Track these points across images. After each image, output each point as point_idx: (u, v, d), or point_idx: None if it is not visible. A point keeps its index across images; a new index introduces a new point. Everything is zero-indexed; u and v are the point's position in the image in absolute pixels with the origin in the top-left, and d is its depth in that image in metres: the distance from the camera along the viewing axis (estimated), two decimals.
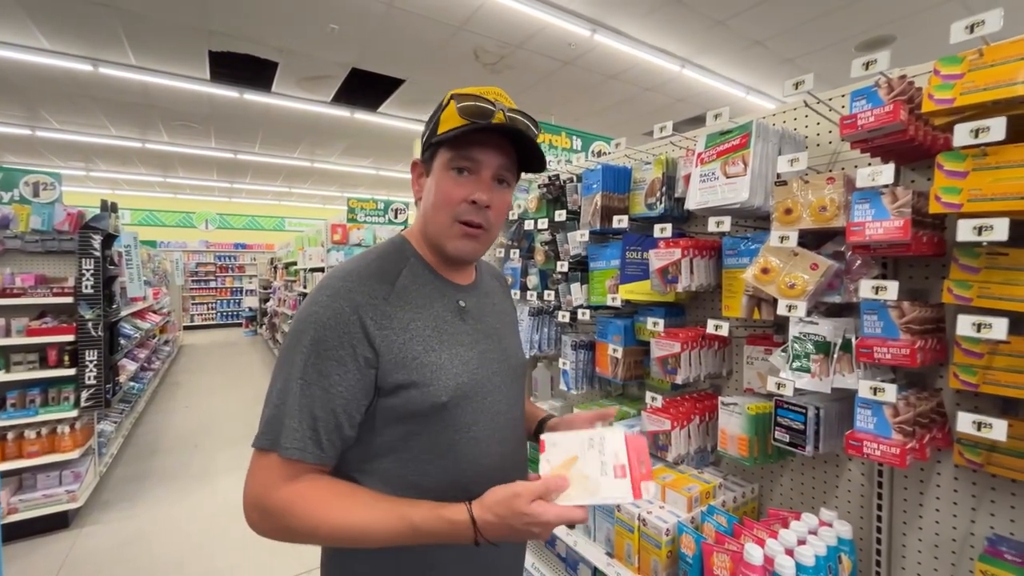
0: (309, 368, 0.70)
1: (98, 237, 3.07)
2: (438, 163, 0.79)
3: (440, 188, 0.78)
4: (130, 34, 4.28)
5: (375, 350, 0.72)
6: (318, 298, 0.73)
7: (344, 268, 0.77)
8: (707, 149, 1.21)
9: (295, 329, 0.73)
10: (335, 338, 0.70)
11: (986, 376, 0.86)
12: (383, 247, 0.85)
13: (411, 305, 0.77)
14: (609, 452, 0.70)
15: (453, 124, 0.76)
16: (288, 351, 0.73)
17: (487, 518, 0.66)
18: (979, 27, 0.77)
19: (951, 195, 0.81)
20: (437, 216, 0.79)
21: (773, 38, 4.45)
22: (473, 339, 0.83)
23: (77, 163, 8.98)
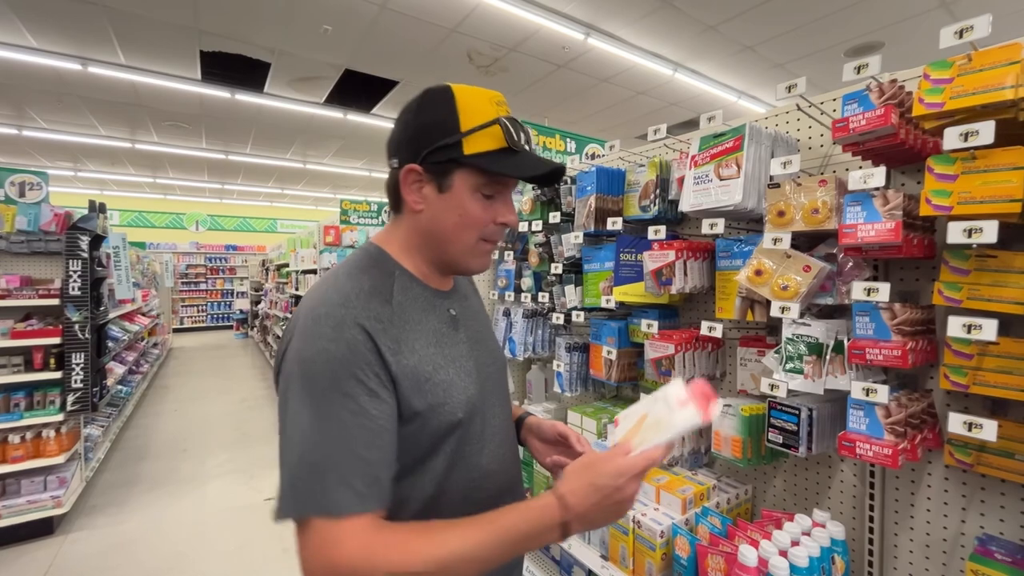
0: (339, 408, 0.62)
1: (86, 238, 3.03)
2: (464, 183, 0.72)
3: (469, 212, 0.73)
4: (120, 33, 4.23)
5: (392, 377, 0.67)
6: (321, 331, 0.64)
7: (337, 291, 0.69)
8: (701, 152, 1.22)
9: (305, 372, 0.63)
10: (359, 370, 0.64)
11: (976, 377, 0.86)
12: (362, 261, 0.77)
13: (411, 323, 0.73)
14: (672, 398, 0.70)
15: (491, 146, 0.71)
16: (302, 397, 0.63)
17: (572, 488, 0.64)
18: (968, 32, 0.78)
19: (941, 198, 0.82)
20: (464, 237, 0.75)
21: (764, 43, 4.51)
22: (468, 347, 0.80)
23: (65, 163, 8.85)
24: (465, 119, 0.71)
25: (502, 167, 0.72)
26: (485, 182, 0.73)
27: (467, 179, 0.72)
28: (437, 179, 0.73)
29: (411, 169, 0.73)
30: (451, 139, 0.71)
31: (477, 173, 0.72)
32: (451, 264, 0.79)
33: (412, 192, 0.75)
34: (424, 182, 0.74)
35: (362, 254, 0.79)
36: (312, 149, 8.16)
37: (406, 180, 0.74)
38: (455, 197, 0.73)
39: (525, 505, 0.65)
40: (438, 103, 0.73)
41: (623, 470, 0.64)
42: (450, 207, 0.74)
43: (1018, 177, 0.75)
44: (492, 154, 0.71)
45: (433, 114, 0.73)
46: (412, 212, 0.76)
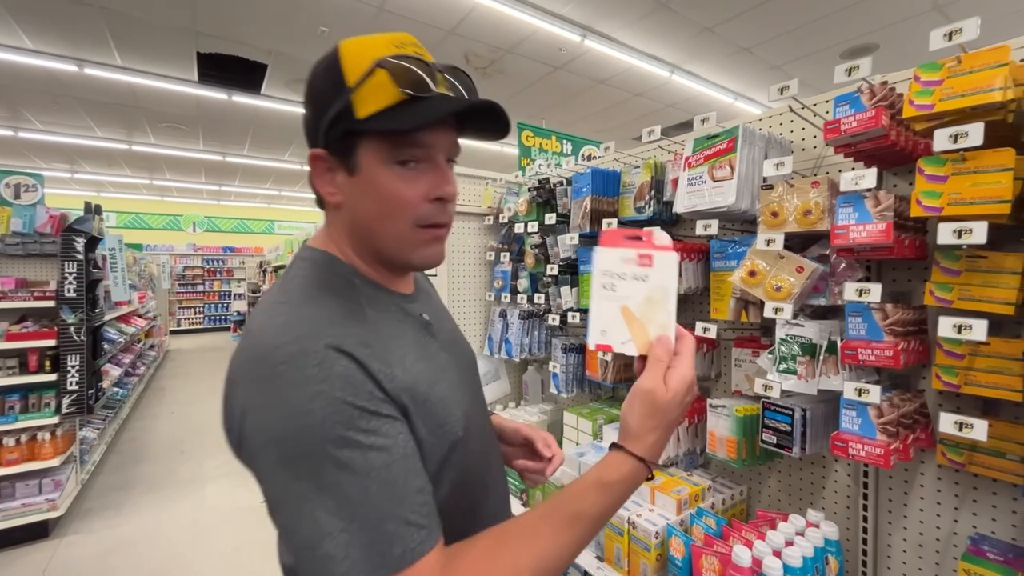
0: (365, 453, 0.49)
1: (81, 240, 3.02)
2: (369, 157, 0.58)
3: (387, 191, 0.58)
4: (116, 34, 4.23)
5: (397, 407, 0.56)
6: (300, 375, 0.50)
7: (299, 319, 0.55)
8: (695, 153, 1.22)
9: (305, 434, 0.48)
10: (366, 402, 0.51)
11: (967, 377, 0.87)
12: (313, 275, 0.62)
13: (393, 339, 0.60)
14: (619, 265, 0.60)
15: (386, 100, 0.55)
16: (317, 465, 0.48)
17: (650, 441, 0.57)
18: (957, 35, 0.79)
19: (932, 199, 0.82)
20: (390, 226, 0.60)
21: (760, 45, 4.52)
22: (448, 354, 0.70)
23: (61, 165, 8.82)
24: (349, 74, 0.56)
25: (403, 121, 0.55)
26: (392, 147, 0.57)
27: (373, 150, 0.57)
28: (343, 160, 0.59)
29: (315, 156, 0.60)
30: (340, 104, 0.56)
31: (381, 140, 0.57)
32: (392, 262, 0.65)
33: (325, 183, 0.61)
34: (335, 168, 0.60)
35: (308, 266, 0.63)
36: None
37: (315, 169, 0.61)
38: (367, 178, 0.58)
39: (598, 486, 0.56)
40: (326, 66, 0.58)
41: (688, 379, 0.57)
42: (366, 192, 0.59)
43: (1007, 178, 0.75)
44: (391, 110, 0.55)
45: (322, 81, 0.58)
46: (333, 208, 0.63)
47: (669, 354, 0.58)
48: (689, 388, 0.57)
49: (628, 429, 0.58)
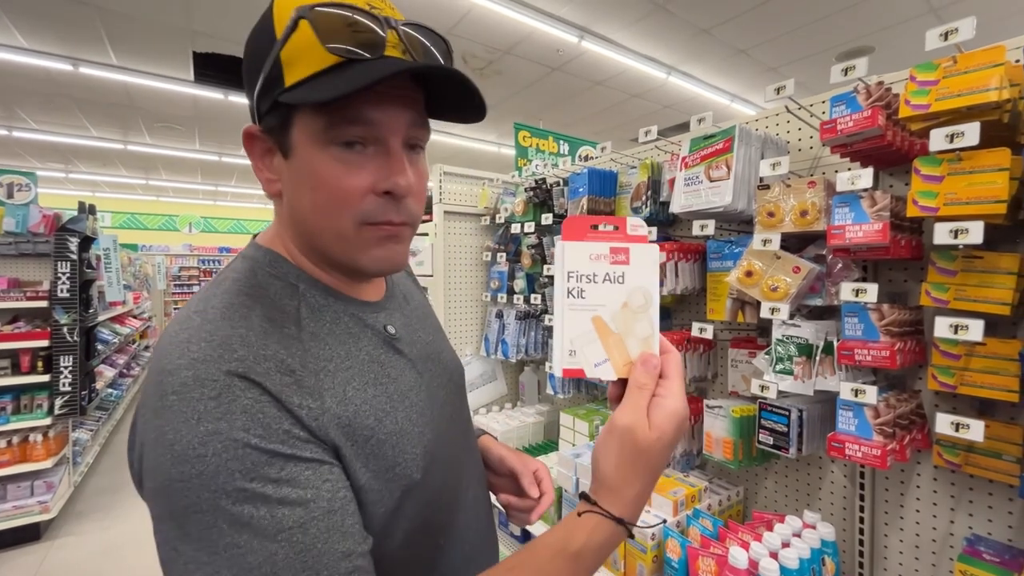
0: (267, 505, 0.40)
1: (75, 240, 3.00)
2: (303, 136, 0.47)
3: (321, 179, 0.47)
4: (112, 33, 4.20)
5: (324, 447, 0.45)
6: (195, 408, 0.40)
7: (208, 336, 0.44)
8: (691, 153, 1.22)
9: (186, 477, 0.39)
10: (280, 444, 0.42)
11: (963, 377, 0.87)
12: (244, 277, 0.51)
13: (335, 361, 0.49)
14: (588, 264, 0.48)
15: (315, 65, 0.44)
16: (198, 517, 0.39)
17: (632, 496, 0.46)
18: (953, 35, 0.79)
19: (928, 199, 0.82)
20: (328, 222, 0.49)
21: (757, 47, 4.54)
22: (416, 373, 0.58)
23: (56, 164, 8.77)
24: (279, 28, 0.45)
25: (326, 89, 0.43)
26: (328, 124, 0.45)
27: (307, 128, 0.46)
28: (278, 139, 0.49)
29: (248, 134, 0.50)
30: (269, 68, 0.45)
31: (315, 114, 0.46)
32: (339, 265, 0.54)
33: (263, 167, 0.51)
34: (272, 149, 0.50)
35: (245, 267, 0.52)
36: None
37: (251, 151, 0.51)
38: (301, 161, 0.48)
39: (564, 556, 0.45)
40: (257, 27, 0.48)
41: (680, 414, 0.45)
42: (302, 178, 0.48)
43: (1003, 178, 0.75)
44: (323, 75, 0.44)
45: (254, 38, 0.48)
46: (273, 197, 0.53)
47: (654, 379, 0.46)
48: (680, 424, 0.45)
49: (602, 478, 0.46)
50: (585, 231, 0.48)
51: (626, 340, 0.47)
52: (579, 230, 0.48)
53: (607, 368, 0.47)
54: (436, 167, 2.18)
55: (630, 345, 0.47)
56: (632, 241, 0.48)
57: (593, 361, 0.47)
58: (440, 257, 2.16)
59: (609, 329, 0.47)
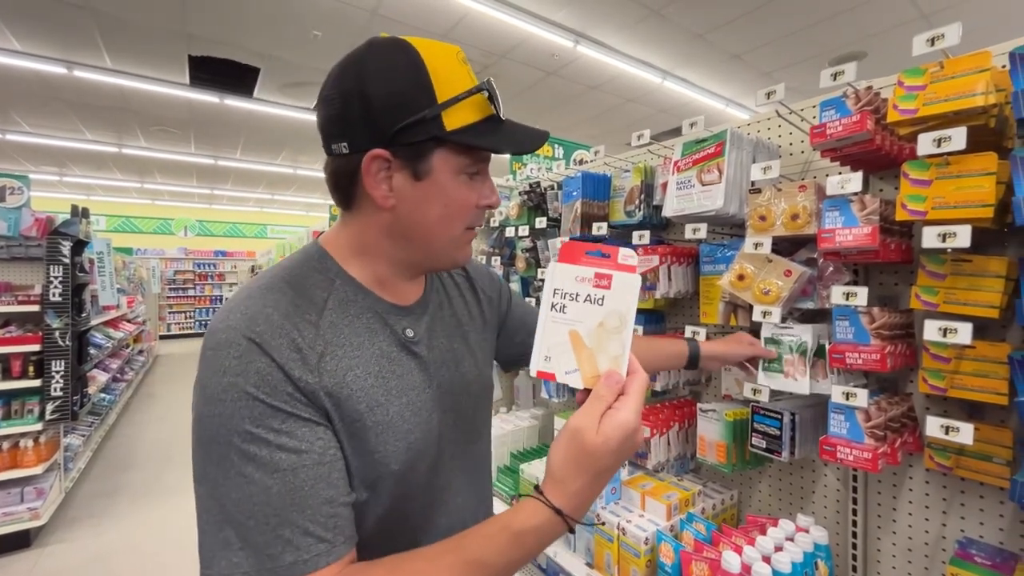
0: (274, 452, 0.50)
1: (67, 243, 2.98)
2: (446, 166, 0.60)
3: (456, 199, 0.62)
4: (106, 36, 4.20)
5: (319, 411, 0.55)
6: (222, 363, 0.52)
7: (245, 310, 0.55)
8: (683, 157, 1.22)
9: (220, 414, 0.51)
10: (282, 402, 0.52)
11: (954, 380, 0.87)
12: (295, 267, 0.63)
13: (344, 348, 0.59)
14: (573, 284, 0.54)
15: (474, 117, 0.59)
16: (226, 446, 0.50)
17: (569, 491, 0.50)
18: (939, 40, 0.80)
19: (916, 203, 0.83)
20: (449, 229, 0.63)
21: (751, 52, 4.58)
22: (426, 376, 0.66)
23: (50, 167, 8.73)
24: (441, 86, 0.57)
25: (493, 143, 0.60)
26: (471, 162, 0.61)
27: (449, 160, 0.60)
28: (411, 164, 0.59)
29: (377, 156, 0.58)
30: (429, 113, 0.56)
31: (460, 152, 0.60)
32: (433, 262, 0.67)
33: (379, 184, 0.60)
34: (394, 170, 0.59)
35: (300, 257, 0.65)
36: (303, 154, 8.13)
37: (370, 170, 0.59)
38: (436, 184, 0.60)
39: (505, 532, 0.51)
40: (401, 65, 0.57)
41: (629, 426, 0.49)
42: (431, 196, 0.61)
43: (990, 182, 0.76)
44: (477, 127, 0.60)
45: (398, 81, 0.57)
46: (378, 209, 0.61)
47: (614, 393, 0.51)
48: (627, 436, 0.49)
49: (550, 469, 0.52)
50: (579, 255, 0.55)
51: (597, 355, 0.52)
52: (574, 254, 0.55)
53: (576, 377, 0.53)
54: None
55: (600, 360, 0.52)
56: (619, 269, 0.54)
57: (564, 369, 0.53)
58: None
59: (583, 343, 0.53)
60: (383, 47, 0.58)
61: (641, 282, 0.54)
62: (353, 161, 0.59)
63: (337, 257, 0.65)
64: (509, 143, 0.61)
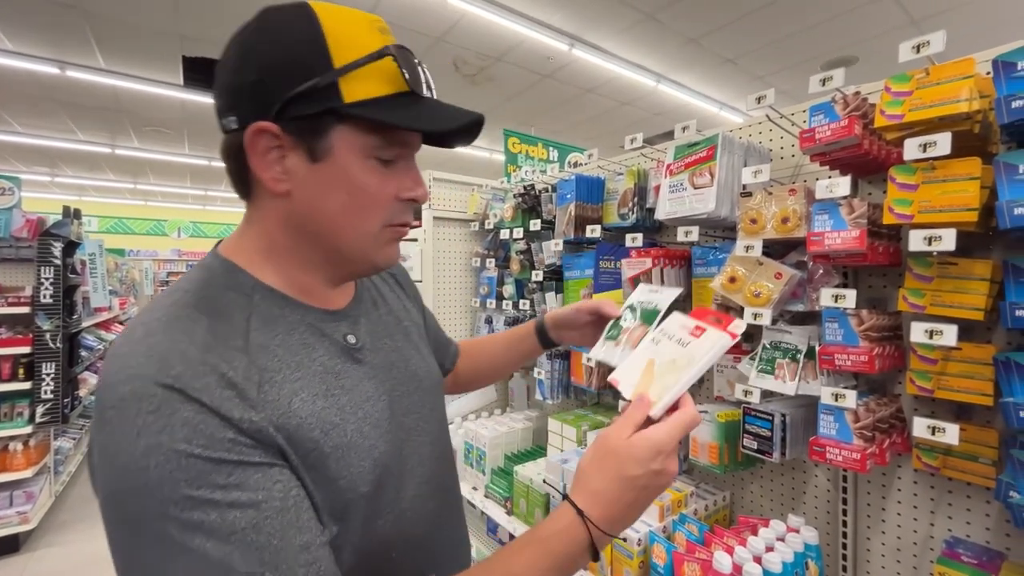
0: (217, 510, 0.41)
1: (58, 244, 2.96)
2: (348, 145, 0.50)
3: (363, 186, 0.52)
4: (99, 36, 4.17)
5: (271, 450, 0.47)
6: (135, 423, 0.41)
7: (148, 351, 0.44)
8: (676, 160, 1.24)
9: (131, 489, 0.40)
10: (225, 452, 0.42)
11: (940, 382, 0.88)
12: (196, 288, 0.51)
13: (283, 371, 0.50)
14: (678, 329, 0.59)
15: (383, 90, 0.50)
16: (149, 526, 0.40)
17: (596, 489, 0.50)
18: (925, 47, 0.81)
19: (903, 207, 0.84)
20: (358, 223, 0.54)
21: (744, 56, 4.61)
22: (376, 383, 0.59)
23: (42, 168, 8.66)
24: (340, 51, 0.48)
25: (405, 119, 0.50)
26: (381, 142, 0.52)
27: (353, 139, 0.50)
28: (307, 142, 0.50)
29: (262, 130, 0.49)
30: (321, 80, 0.48)
31: (367, 130, 0.50)
32: (349, 265, 0.57)
33: (268, 165, 0.51)
34: (286, 148, 0.50)
35: (201, 275, 0.54)
36: None
37: (255, 147, 0.50)
38: (337, 166, 0.51)
39: (532, 541, 0.49)
40: (293, 27, 0.49)
41: (660, 444, 0.48)
42: (332, 182, 0.51)
43: (974, 187, 0.77)
44: (386, 101, 0.50)
45: (287, 44, 0.49)
46: (272, 196, 0.52)
47: (640, 414, 0.52)
48: (656, 451, 0.49)
49: (576, 472, 0.53)
50: (705, 315, 0.61)
51: (654, 382, 0.56)
52: (702, 314, 0.61)
53: (630, 390, 0.59)
54: (426, 173, 2.18)
55: (653, 387, 0.56)
56: (718, 328, 0.57)
57: (627, 381, 0.60)
58: (429, 263, 2.16)
59: (652, 370, 0.58)
60: (279, 9, 0.51)
61: (731, 343, 0.56)
62: (241, 137, 0.50)
63: (247, 266, 0.55)
64: (424, 120, 0.51)
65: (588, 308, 0.83)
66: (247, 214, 0.57)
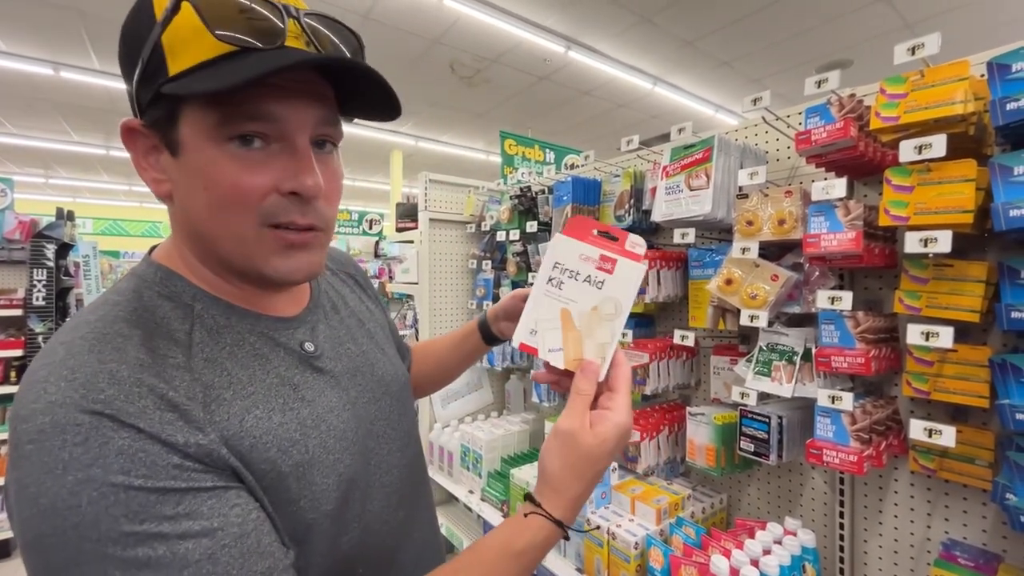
0: (166, 543, 0.37)
1: (52, 246, 2.93)
2: (193, 130, 0.43)
3: (216, 176, 0.43)
4: (94, 37, 4.16)
5: (224, 473, 0.43)
6: (62, 456, 0.36)
7: (69, 374, 0.39)
8: (672, 163, 1.23)
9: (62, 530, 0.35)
10: (171, 479, 0.38)
11: (936, 383, 0.88)
12: (133, 303, 0.45)
13: (232, 388, 0.45)
14: (576, 261, 0.52)
15: (204, 54, 0.41)
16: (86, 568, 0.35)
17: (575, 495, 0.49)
18: (919, 50, 0.81)
19: (899, 208, 0.84)
20: (225, 224, 0.45)
21: (740, 59, 4.64)
22: (340, 391, 0.55)
23: (36, 169, 8.61)
24: (159, 9, 0.41)
25: (223, 77, 0.40)
26: (223, 118, 0.42)
27: (197, 121, 0.42)
28: (164, 134, 0.44)
29: (128, 128, 0.45)
30: (149, 54, 0.41)
31: (207, 107, 0.42)
32: (242, 273, 0.49)
33: (148, 166, 0.46)
34: (159, 147, 0.45)
35: (132, 283, 0.48)
36: None
37: (133, 149, 0.46)
38: (191, 158, 0.44)
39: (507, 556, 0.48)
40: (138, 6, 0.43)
41: (626, 428, 0.49)
42: (192, 175, 0.44)
43: (969, 189, 0.77)
44: (215, 64, 0.41)
45: (131, 21, 0.43)
46: (163, 199, 0.48)
47: (593, 387, 0.50)
48: (622, 436, 0.49)
49: (547, 476, 0.49)
50: (587, 232, 0.53)
51: (584, 339, 0.51)
52: (582, 230, 0.53)
53: (558, 356, 0.51)
54: (421, 175, 2.17)
55: (587, 345, 0.50)
56: (625, 255, 0.52)
57: (548, 346, 0.51)
58: (425, 264, 2.15)
59: (573, 324, 0.51)
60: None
61: (633, 265, 0.51)
62: None
63: (185, 272, 0.49)
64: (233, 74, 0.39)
65: (522, 294, 0.78)
66: (170, 217, 0.51)
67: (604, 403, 0.50)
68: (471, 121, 6.37)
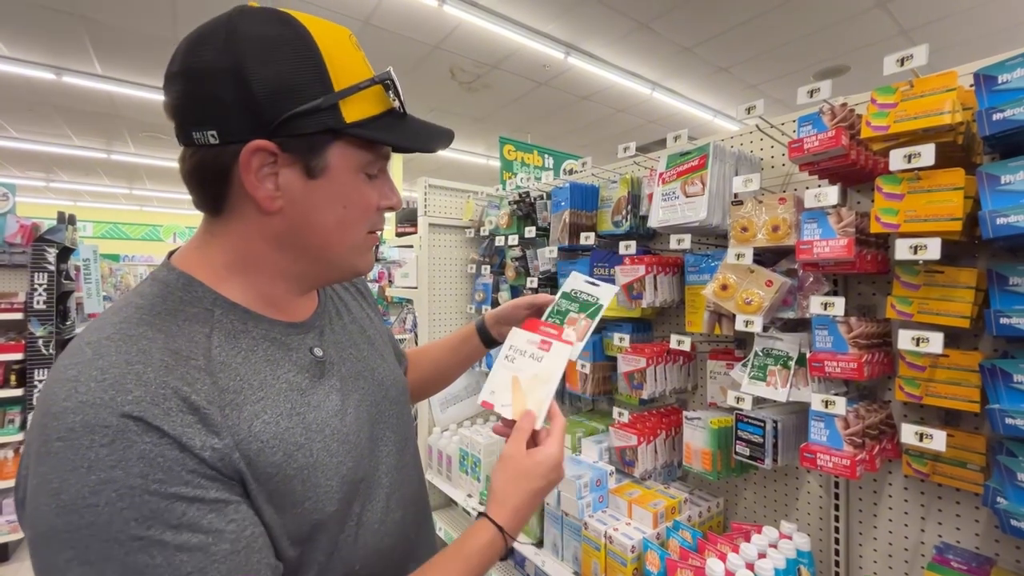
0: (164, 552, 0.39)
1: (52, 250, 2.95)
2: (345, 162, 0.53)
3: (357, 200, 0.55)
4: (96, 43, 4.18)
5: (231, 484, 0.45)
6: (85, 456, 0.38)
7: (99, 374, 0.41)
8: (668, 169, 1.25)
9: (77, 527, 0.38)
10: (182, 486, 0.41)
11: (928, 388, 0.89)
12: (151, 303, 0.49)
13: (247, 391, 0.49)
14: (524, 344, 0.73)
15: (374, 110, 0.53)
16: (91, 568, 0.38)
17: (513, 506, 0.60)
18: (908, 61, 0.83)
19: (889, 216, 0.85)
20: (349, 233, 0.56)
21: (737, 65, 4.67)
22: (343, 395, 0.59)
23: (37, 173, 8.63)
24: (337, 72, 0.50)
25: (398, 138, 0.55)
26: (372, 158, 0.55)
27: (349, 156, 0.53)
28: (304, 159, 0.51)
29: (260, 148, 0.48)
30: (324, 101, 0.49)
31: (360, 147, 0.54)
32: (331, 273, 0.60)
33: (262, 183, 0.50)
34: (280, 165, 0.50)
35: (155, 288, 0.51)
36: None
37: (251, 165, 0.49)
38: (334, 182, 0.53)
39: (457, 557, 0.57)
40: (287, 42, 0.49)
41: (557, 458, 0.62)
42: (329, 197, 0.53)
43: (958, 197, 0.78)
44: (378, 120, 0.54)
45: (285, 61, 0.48)
46: (261, 213, 0.52)
47: (530, 426, 0.64)
48: (554, 465, 0.62)
49: (492, 490, 0.61)
50: (536, 327, 0.75)
51: (527, 397, 0.68)
52: (532, 326, 0.76)
53: (508, 410, 0.68)
54: (421, 180, 2.19)
55: (528, 401, 0.67)
56: (559, 341, 0.72)
57: (502, 402, 0.69)
58: (425, 269, 2.16)
59: (520, 387, 0.69)
60: (261, 17, 0.49)
61: (573, 353, 0.72)
62: (226, 154, 0.48)
63: (207, 280, 0.53)
64: (414, 139, 0.56)
65: (525, 303, 0.89)
66: (211, 227, 0.54)
67: (542, 438, 0.65)
68: (471, 126, 6.40)
